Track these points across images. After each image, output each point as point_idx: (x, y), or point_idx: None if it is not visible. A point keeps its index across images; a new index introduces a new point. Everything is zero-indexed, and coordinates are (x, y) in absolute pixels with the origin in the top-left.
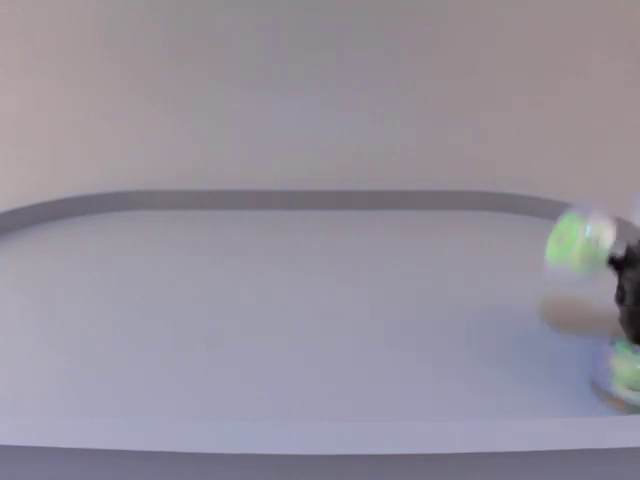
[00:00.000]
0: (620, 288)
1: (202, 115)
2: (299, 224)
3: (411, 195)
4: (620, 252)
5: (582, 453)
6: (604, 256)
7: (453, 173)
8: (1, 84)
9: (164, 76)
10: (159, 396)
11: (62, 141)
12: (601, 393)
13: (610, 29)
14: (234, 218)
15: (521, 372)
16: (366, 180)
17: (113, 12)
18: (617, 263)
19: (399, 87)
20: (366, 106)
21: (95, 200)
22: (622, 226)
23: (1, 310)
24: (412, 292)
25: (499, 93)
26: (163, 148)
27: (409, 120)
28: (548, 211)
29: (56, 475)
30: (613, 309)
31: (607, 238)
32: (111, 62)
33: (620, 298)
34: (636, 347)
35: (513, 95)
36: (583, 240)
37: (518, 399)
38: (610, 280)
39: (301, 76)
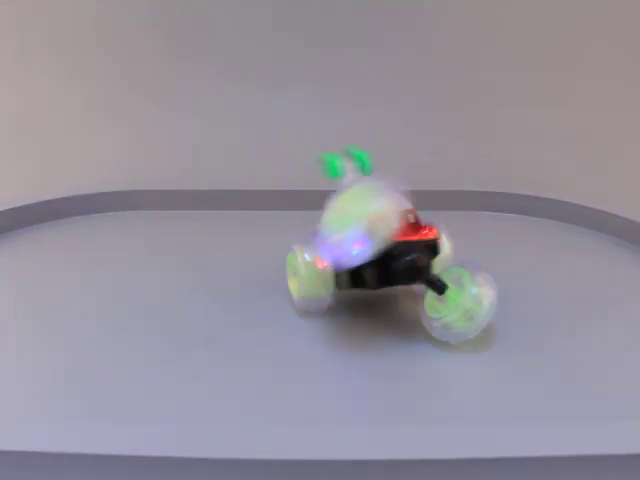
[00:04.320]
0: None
1: (202, 115)
2: (299, 224)
3: (411, 195)
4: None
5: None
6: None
7: (453, 173)
8: (0, 83)
9: (164, 75)
10: (159, 398)
11: (62, 140)
12: None
13: (614, 27)
14: (234, 218)
15: None
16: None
17: (112, 10)
18: None
19: (400, 86)
20: (366, 106)
21: (95, 200)
22: (624, 225)
23: None
24: (412, 292)
25: (499, 93)
26: (163, 148)
27: (410, 120)
28: (548, 211)
29: None
30: None
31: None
32: (111, 61)
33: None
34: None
35: (513, 95)
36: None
37: None
38: None
39: (302, 76)
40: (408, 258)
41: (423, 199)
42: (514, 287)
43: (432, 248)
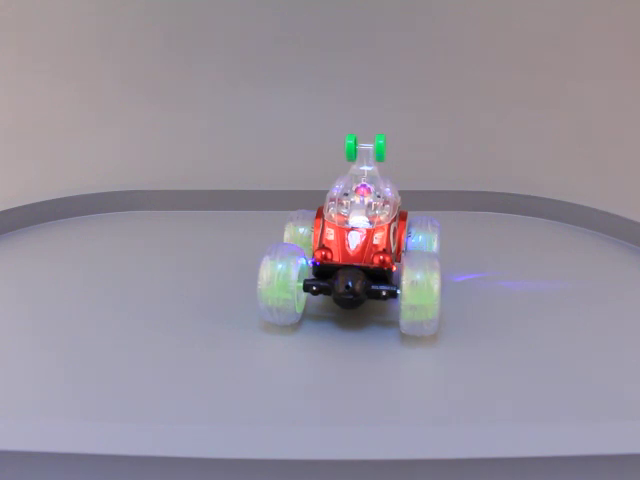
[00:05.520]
0: None
1: (202, 115)
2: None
3: (411, 195)
4: None
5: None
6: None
7: (453, 173)
8: (0, 84)
9: (164, 75)
10: (159, 398)
11: (62, 140)
12: None
13: (614, 27)
14: (234, 218)
15: None
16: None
17: (112, 10)
18: None
19: (399, 86)
20: (366, 106)
21: (95, 200)
22: (624, 225)
23: None
24: None
25: (499, 92)
26: (163, 148)
27: (409, 120)
28: (548, 211)
29: None
30: None
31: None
32: (111, 61)
33: None
34: None
35: (513, 95)
36: None
37: None
38: None
39: (302, 76)
40: (340, 292)
41: (423, 199)
42: (514, 287)
43: (380, 275)
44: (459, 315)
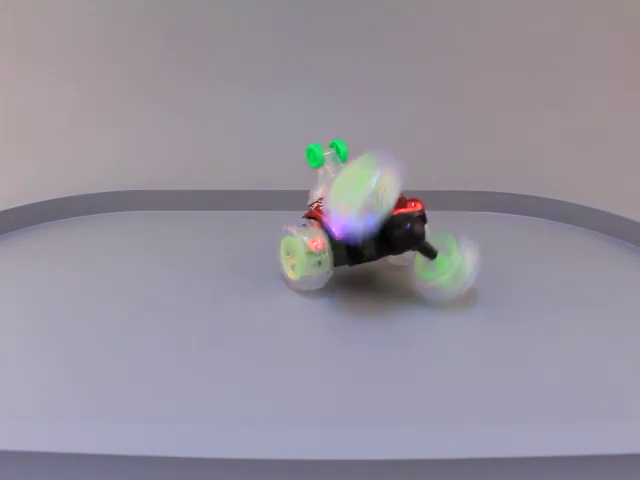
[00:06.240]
0: None
1: (202, 115)
2: None
3: (411, 195)
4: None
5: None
6: (384, 210)
7: (453, 173)
8: (0, 84)
9: (164, 75)
10: (159, 398)
11: (61, 140)
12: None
13: (614, 27)
14: (234, 218)
15: None
16: None
17: (112, 10)
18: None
19: (399, 87)
20: (366, 106)
21: (95, 200)
22: (623, 224)
23: None
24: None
25: (499, 93)
26: (163, 148)
27: (410, 120)
28: (548, 211)
29: None
30: None
31: (392, 193)
32: (111, 61)
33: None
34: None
35: (513, 95)
36: (368, 190)
37: None
38: None
39: (302, 76)
40: (408, 227)
41: (423, 199)
42: (514, 287)
43: (423, 218)
44: (457, 314)
